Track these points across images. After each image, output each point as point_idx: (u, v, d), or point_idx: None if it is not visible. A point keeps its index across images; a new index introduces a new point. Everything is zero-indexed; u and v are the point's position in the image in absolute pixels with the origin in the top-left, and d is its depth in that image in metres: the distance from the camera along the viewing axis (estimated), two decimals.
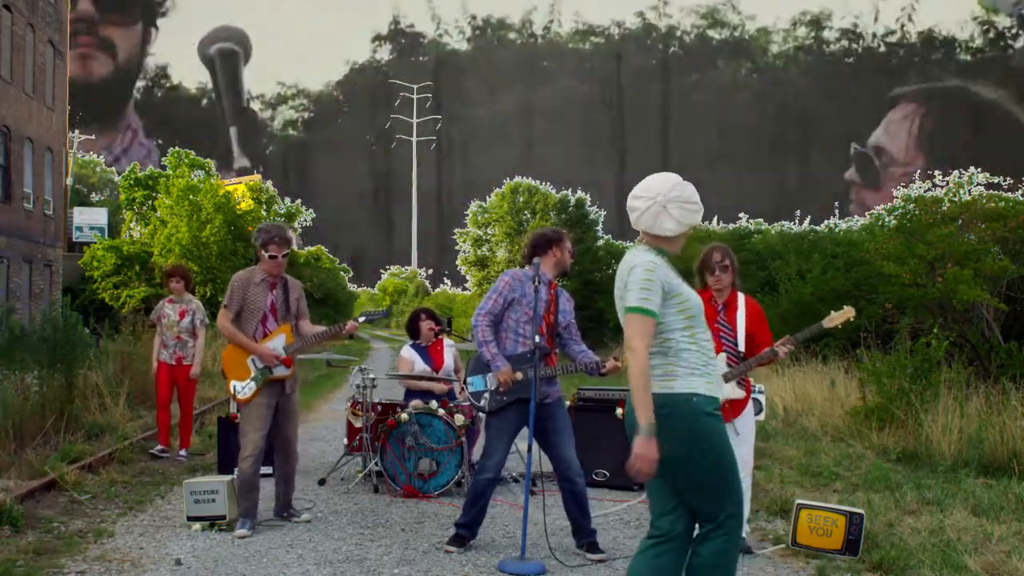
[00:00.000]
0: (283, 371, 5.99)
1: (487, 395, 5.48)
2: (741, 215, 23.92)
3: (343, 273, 43.37)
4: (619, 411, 6.92)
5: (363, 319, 6.15)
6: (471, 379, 5.59)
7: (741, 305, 5.54)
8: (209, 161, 31.44)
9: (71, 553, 5.24)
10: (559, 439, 5.42)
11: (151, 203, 32.25)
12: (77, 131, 46.80)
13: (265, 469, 6.65)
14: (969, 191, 12.71)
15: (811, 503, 5.57)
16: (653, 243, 3.67)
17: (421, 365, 7.74)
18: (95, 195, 54.88)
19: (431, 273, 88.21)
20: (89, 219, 38.14)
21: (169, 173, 30.81)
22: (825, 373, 11.98)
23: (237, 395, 5.97)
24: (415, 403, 7.20)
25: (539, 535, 5.56)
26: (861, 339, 11.60)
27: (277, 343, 5.98)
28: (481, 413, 5.78)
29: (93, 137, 56.30)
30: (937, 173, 13.48)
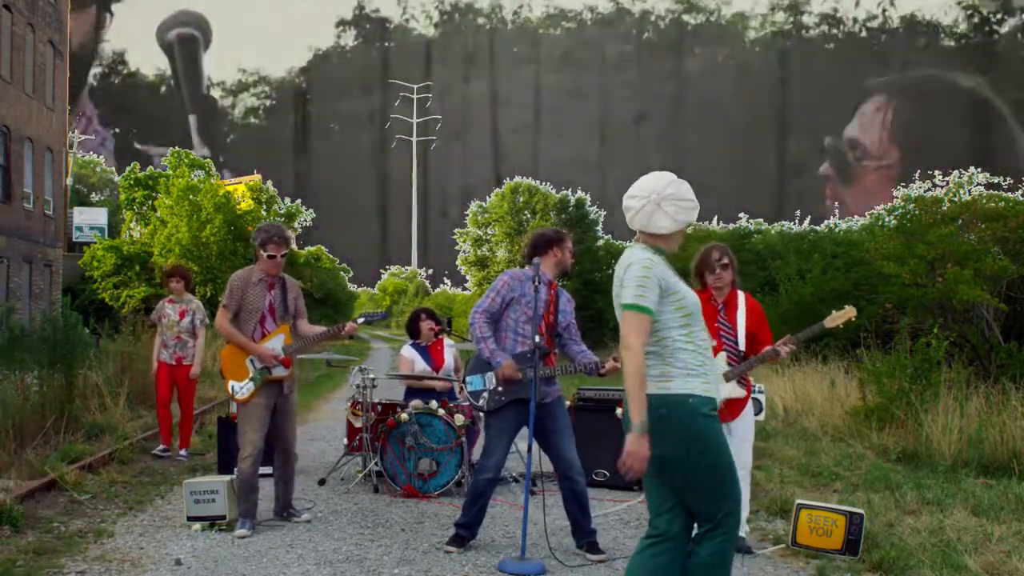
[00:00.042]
0: (282, 371, 6.00)
1: (485, 394, 5.48)
2: (741, 215, 23.96)
3: (343, 273, 43.34)
4: (619, 411, 6.92)
5: (362, 320, 6.15)
6: (470, 378, 5.57)
7: (741, 304, 5.53)
8: (209, 161, 31.47)
9: (71, 553, 5.23)
10: (559, 439, 5.41)
11: (151, 203, 32.30)
12: (77, 131, 46.76)
13: (265, 469, 6.65)
14: (969, 191, 12.73)
15: (811, 503, 5.57)
16: (650, 242, 3.67)
17: (421, 364, 7.74)
18: (95, 195, 54.88)
19: (431, 273, 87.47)
20: (89, 219, 38.16)
21: (169, 173, 30.85)
22: (825, 373, 11.99)
23: (235, 395, 5.98)
24: (415, 403, 7.20)
25: (539, 535, 5.56)
26: (861, 339, 11.60)
27: (275, 343, 5.98)
28: (479, 412, 5.77)
29: (93, 137, 56.26)
30: (937, 173, 13.50)
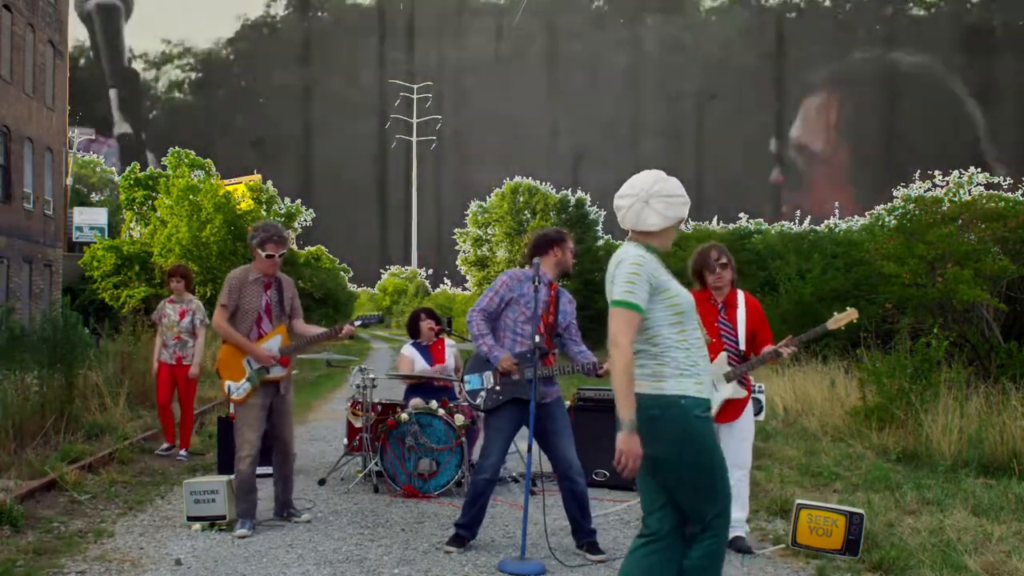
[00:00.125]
0: (279, 372, 5.98)
1: (483, 393, 5.48)
2: (741, 215, 23.93)
3: (343, 273, 43.32)
4: None
5: (359, 323, 6.15)
6: (468, 377, 5.57)
7: (741, 303, 5.54)
8: (209, 161, 31.48)
9: (71, 553, 5.23)
10: (559, 439, 5.41)
11: (151, 203, 32.30)
12: (77, 131, 46.75)
13: (265, 469, 6.65)
14: (969, 191, 12.74)
15: (811, 503, 5.56)
16: (642, 240, 3.67)
17: (421, 363, 7.74)
18: (95, 195, 54.88)
19: (431, 273, 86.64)
20: (89, 219, 38.17)
21: (169, 173, 30.85)
22: (825, 373, 11.99)
23: (232, 395, 5.96)
24: (415, 402, 7.20)
25: (539, 535, 5.56)
26: (861, 339, 11.60)
27: (273, 344, 5.96)
28: (477, 411, 5.77)
29: (93, 137, 56.09)
30: (937, 173, 13.50)
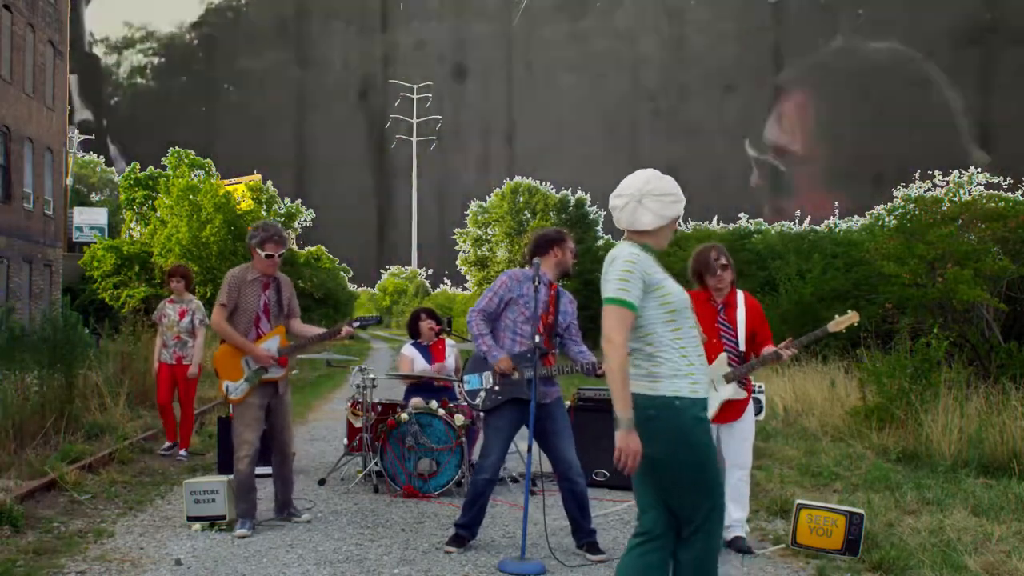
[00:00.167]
0: (277, 372, 5.98)
1: (482, 393, 5.48)
2: (741, 215, 23.91)
3: (343, 273, 43.33)
4: None
5: (357, 324, 6.15)
6: (467, 377, 5.58)
7: (741, 303, 5.54)
8: (209, 161, 31.50)
9: (71, 553, 5.23)
10: (558, 439, 5.41)
11: (151, 203, 32.32)
12: (77, 131, 46.80)
13: (264, 469, 6.65)
14: (969, 191, 12.74)
15: (811, 503, 5.56)
16: (637, 239, 3.68)
17: (422, 363, 7.73)
18: (95, 195, 54.92)
19: (431, 273, 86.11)
20: (89, 219, 38.18)
21: (169, 173, 30.87)
22: (825, 373, 11.99)
23: (230, 396, 5.96)
24: (415, 402, 7.20)
25: (539, 535, 5.56)
26: (861, 339, 11.60)
27: (271, 344, 5.95)
28: (476, 412, 5.77)
29: (93, 137, 56.14)
30: (937, 173, 13.51)
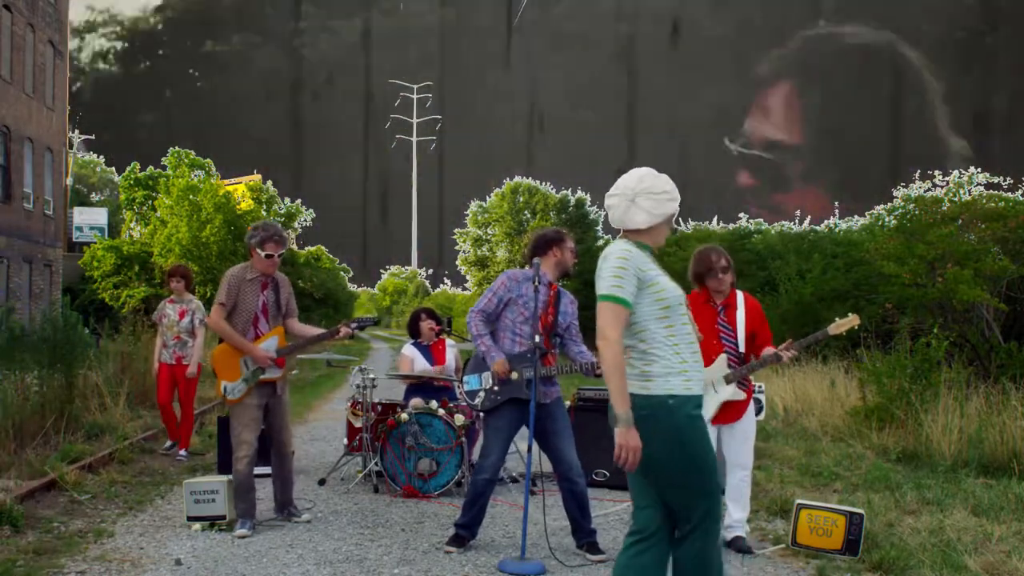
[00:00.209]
0: (275, 373, 5.97)
1: (481, 393, 5.49)
2: (741, 215, 23.91)
3: (343, 273, 43.34)
4: None
5: (355, 325, 6.15)
6: (467, 378, 5.60)
7: (740, 304, 5.54)
8: (209, 161, 31.51)
9: (71, 553, 5.23)
10: (559, 439, 5.41)
11: (151, 203, 32.33)
12: (77, 131, 46.83)
13: (264, 469, 6.65)
14: (969, 191, 12.73)
15: (811, 503, 5.56)
16: (632, 238, 3.68)
17: (422, 363, 7.73)
18: (95, 195, 54.92)
19: (431, 273, 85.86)
20: (89, 219, 38.20)
21: (169, 173, 30.88)
22: (825, 373, 11.98)
23: (227, 396, 5.95)
24: (415, 402, 7.20)
25: (539, 535, 5.56)
26: (861, 339, 11.60)
27: (270, 345, 5.94)
28: (476, 412, 5.77)
29: (93, 137, 56.12)
30: (937, 173, 13.51)
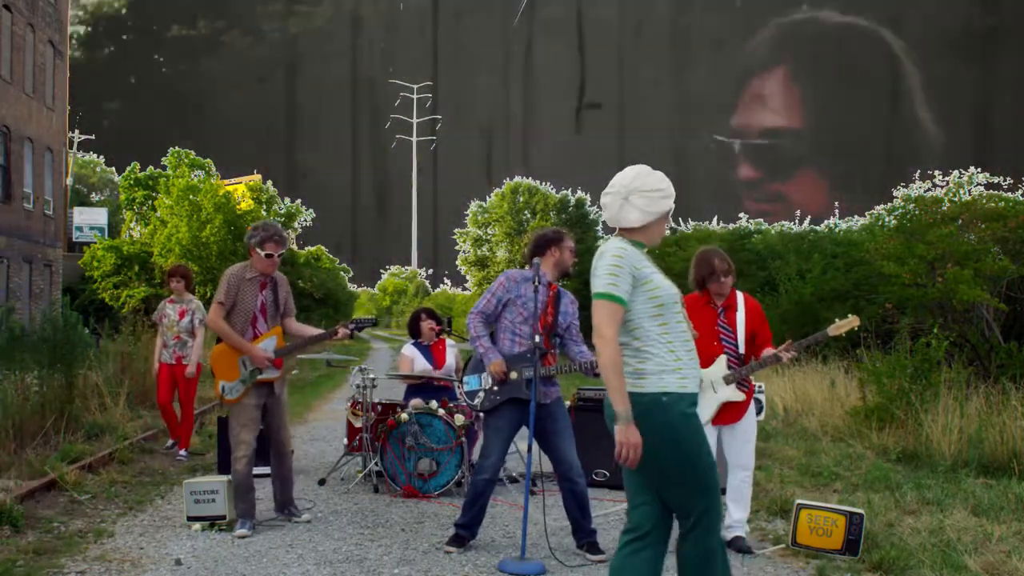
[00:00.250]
0: (273, 373, 5.96)
1: (481, 394, 5.50)
2: (741, 215, 23.89)
3: (343, 273, 43.32)
4: None
5: (352, 327, 6.15)
6: (467, 378, 5.61)
7: (740, 305, 5.54)
8: (209, 161, 31.50)
9: (71, 553, 5.23)
10: (559, 439, 5.42)
11: (151, 203, 32.33)
12: (77, 131, 46.83)
13: (263, 469, 6.65)
14: (969, 191, 12.73)
15: (811, 503, 5.56)
16: (627, 236, 3.69)
17: (422, 363, 7.74)
18: (95, 195, 54.94)
19: (431, 273, 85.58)
20: (89, 219, 38.21)
21: (169, 173, 30.88)
22: (825, 373, 11.99)
23: (225, 396, 5.94)
24: (415, 403, 7.20)
25: (539, 535, 5.56)
26: (861, 339, 11.59)
27: (268, 345, 5.94)
28: (476, 412, 5.78)
29: (93, 137, 56.19)
30: (937, 173, 13.50)
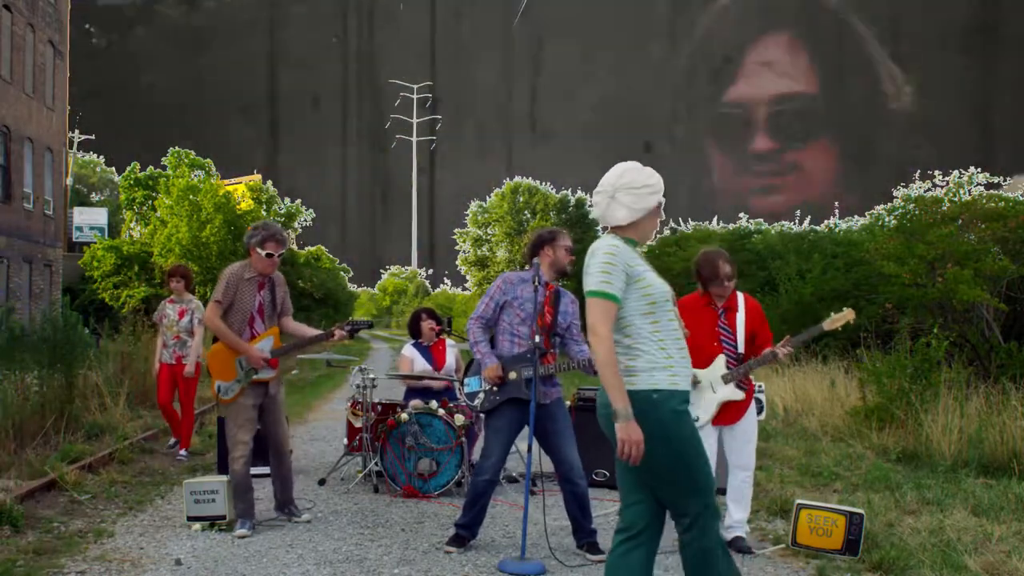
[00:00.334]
0: (269, 373, 5.95)
1: (481, 395, 5.51)
2: (741, 215, 23.90)
3: (343, 273, 43.33)
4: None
5: (348, 328, 6.15)
6: (468, 380, 5.65)
7: (741, 305, 5.54)
8: (209, 161, 31.51)
9: (71, 553, 5.23)
10: (560, 440, 5.42)
11: (151, 203, 32.34)
12: (77, 131, 46.83)
13: (263, 469, 6.65)
14: (969, 191, 12.73)
15: (811, 503, 5.56)
16: (619, 233, 3.68)
17: (422, 363, 7.74)
18: (95, 195, 54.96)
19: (431, 273, 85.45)
20: (89, 219, 38.21)
21: (169, 173, 30.88)
22: (825, 373, 11.98)
23: (221, 396, 5.93)
24: (415, 403, 7.20)
25: (539, 535, 5.56)
26: (861, 339, 11.59)
27: (265, 346, 5.93)
28: (476, 413, 5.79)
29: (93, 137, 56.21)
30: (937, 173, 13.50)
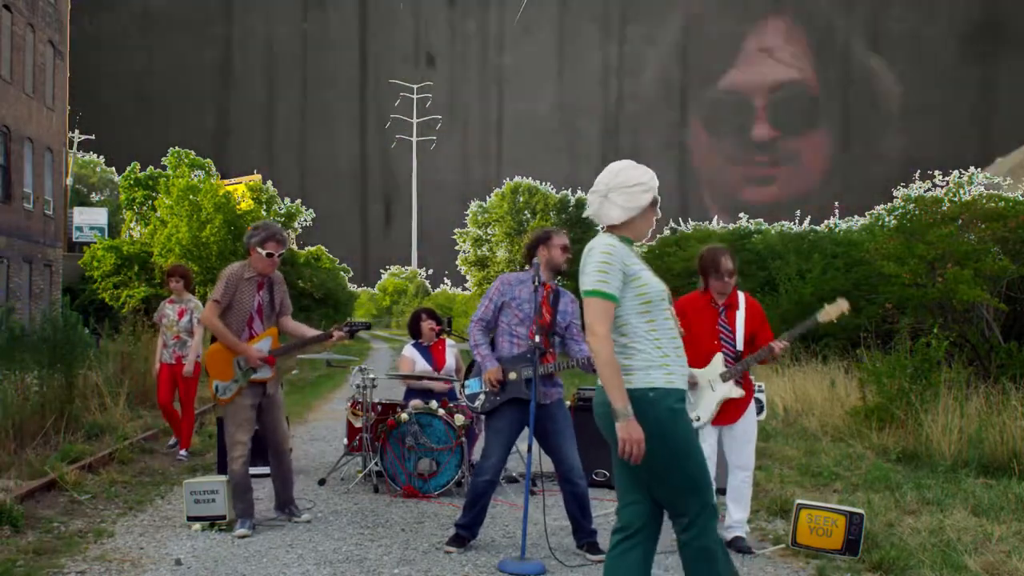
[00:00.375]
0: (267, 373, 5.95)
1: (482, 396, 5.52)
2: (741, 215, 23.89)
3: (343, 273, 43.31)
4: None
5: (346, 329, 6.15)
6: (468, 381, 5.67)
7: (742, 305, 5.54)
8: (209, 161, 31.51)
9: (71, 553, 5.23)
10: (560, 440, 5.42)
11: (151, 203, 32.34)
12: (77, 131, 46.83)
13: (263, 469, 6.65)
14: (969, 191, 12.73)
15: (811, 503, 5.56)
16: (613, 231, 3.68)
17: (422, 364, 7.74)
18: (95, 195, 54.97)
19: (431, 273, 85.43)
20: (89, 219, 38.23)
21: (169, 173, 30.88)
22: (825, 373, 11.98)
23: (219, 396, 5.93)
24: (415, 403, 7.20)
25: (539, 535, 5.56)
26: (861, 339, 11.60)
27: (263, 346, 5.93)
28: (477, 414, 5.79)
29: (93, 137, 56.24)
30: (937, 173, 13.50)
